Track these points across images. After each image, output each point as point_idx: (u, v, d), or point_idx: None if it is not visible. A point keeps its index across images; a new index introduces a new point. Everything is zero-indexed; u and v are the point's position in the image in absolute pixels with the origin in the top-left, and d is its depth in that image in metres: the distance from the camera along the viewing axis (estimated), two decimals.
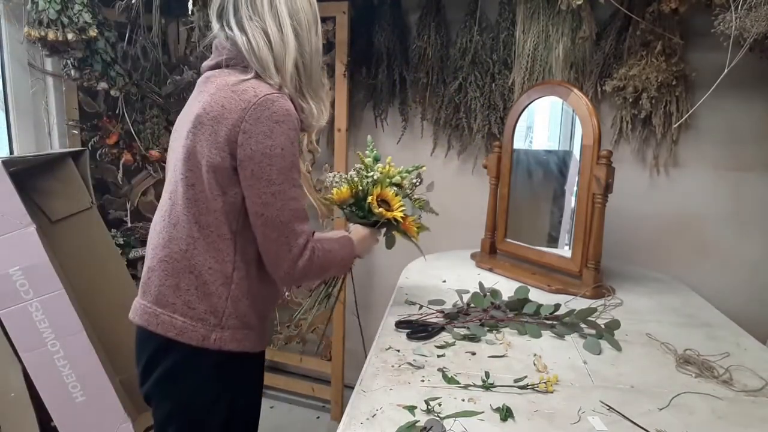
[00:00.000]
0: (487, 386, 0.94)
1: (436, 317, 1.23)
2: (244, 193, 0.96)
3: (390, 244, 1.28)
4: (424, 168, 1.28)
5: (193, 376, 1.03)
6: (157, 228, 1.04)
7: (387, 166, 1.22)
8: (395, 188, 1.22)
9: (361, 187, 1.21)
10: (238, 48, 0.99)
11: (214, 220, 0.97)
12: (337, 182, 1.25)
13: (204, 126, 0.95)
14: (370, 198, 1.18)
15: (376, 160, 1.25)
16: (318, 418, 2.29)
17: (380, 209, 1.17)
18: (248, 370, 1.11)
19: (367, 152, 1.26)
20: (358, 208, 1.23)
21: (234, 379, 1.06)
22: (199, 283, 0.99)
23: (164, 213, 1.03)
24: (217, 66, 1.03)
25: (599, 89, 1.81)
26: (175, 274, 1.00)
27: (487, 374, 0.97)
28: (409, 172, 1.25)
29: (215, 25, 1.04)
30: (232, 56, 1.00)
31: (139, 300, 1.06)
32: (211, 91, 0.97)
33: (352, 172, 1.24)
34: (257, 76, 0.98)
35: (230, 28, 1.00)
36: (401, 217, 1.19)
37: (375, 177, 1.20)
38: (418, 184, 1.27)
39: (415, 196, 1.28)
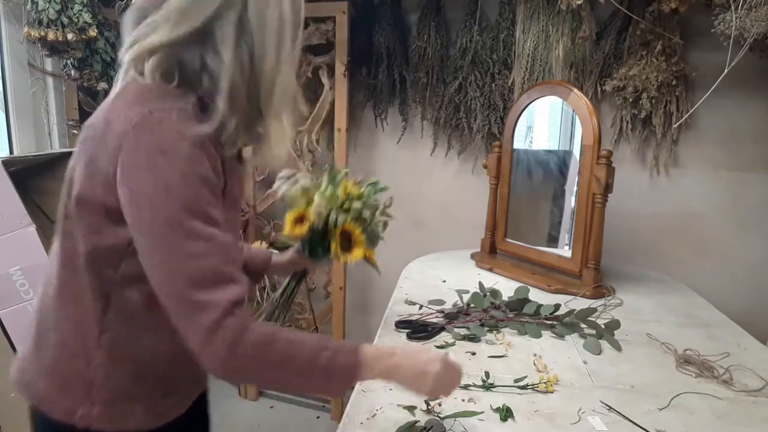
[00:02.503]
0: (487, 386, 0.94)
1: (436, 317, 1.23)
2: (135, 243, 0.70)
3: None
4: (382, 187, 1.09)
5: None
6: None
7: (346, 187, 1.02)
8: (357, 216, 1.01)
9: (318, 219, 0.99)
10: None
11: (81, 265, 0.74)
12: (292, 193, 1.01)
13: (84, 144, 0.73)
14: (333, 244, 0.98)
15: (333, 179, 1.02)
16: (318, 418, 2.29)
17: (348, 256, 0.98)
18: None
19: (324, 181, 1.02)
20: (315, 245, 1.01)
21: None
22: (63, 344, 0.77)
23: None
24: None
25: (599, 89, 1.81)
26: (42, 330, 0.80)
27: (487, 374, 0.97)
28: (369, 193, 1.04)
29: None
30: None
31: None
32: (114, 90, 0.75)
33: (303, 197, 1.00)
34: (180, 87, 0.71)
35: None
36: (364, 256, 1.02)
37: (340, 219, 0.98)
38: (387, 207, 1.08)
39: (376, 219, 1.08)
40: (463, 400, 0.90)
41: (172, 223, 0.66)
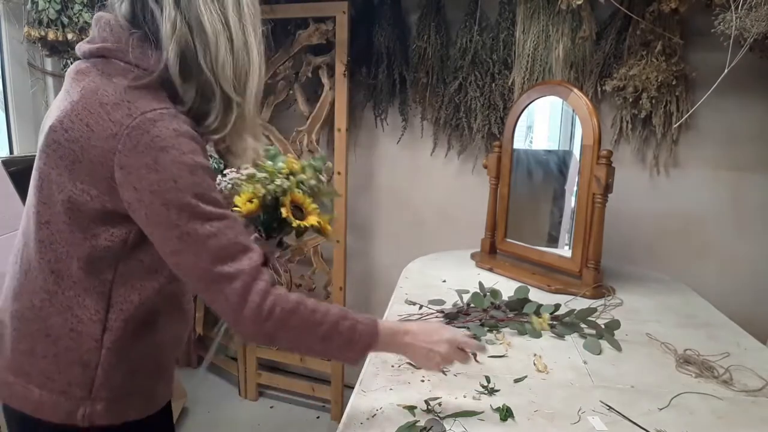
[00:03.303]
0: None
1: (436, 317, 1.23)
2: (151, 238, 0.74)
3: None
4: (327, 162, 1.09)
5: None
6: (9, 267, 0.82)
7: (289, 163, 1.02)
8: (303, 187, 1.02)
9: (269, 196, 0.99)
10: (154, 33, 0.73)
11: (77, 270, 0.75)
12: (236, 185, 1.01)
13: (61, 148, 0.72)
14: (284, 210, 0.97)
15: (273, 158, 1.03)
16: (318, 418, 2.29)
17: (298, 222, 0.98)
18: None
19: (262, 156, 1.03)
20: (269, 220, 1.02)
21: None
22: (59, 349, 0.77)
23: (17, 252, 0.81)
24: (97, 54, 0.76)
25: (599, 89, 1.81)
26: (28, 336, 0.79)
27: (488, 379, 0.97)
28: (313, 165, 1.04)
29: None
30: (122, 44, 0.73)
31: None
32: (74, 98, 0.73)
33: (250, 183, 0.99)
34: (144, 86, 0.72)
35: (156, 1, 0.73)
36: (318, 222, 1.02)
37: (284, 185, 0.98)
38: (326, 180, 1.08)
39: (323, 187, 1.07)
40: (465, 397, 0.90)
41: (186, 210, 0.70)
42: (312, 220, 1.01)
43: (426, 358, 0.83)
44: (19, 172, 1.75)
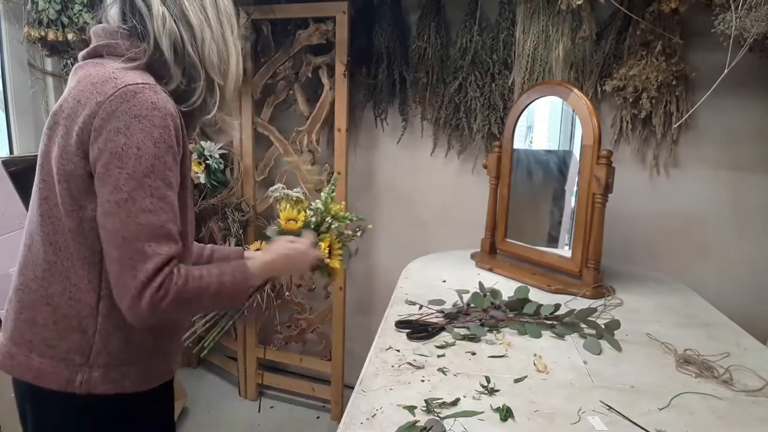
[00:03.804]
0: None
1: (436, 317, 1.23)
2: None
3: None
4: (370, 226, 1.27)
5: (67, 429, 0.88)
6: (19, 249, 0.90)
7: (336, 207, 1.20)
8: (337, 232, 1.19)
9: (311, 225, 1.16)
10: (141, 27, 0.83)
11: (71, 241, 0.82)
12: (280, 198, 1.19)
13: (58, 126, 0.81)
14: (322, 245, 1.13)
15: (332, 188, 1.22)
16: (318, 418, 2.29)
17: (328, 259, 1.14)
18: (140, 415, 0.92)
19: (324, 193, 1.21)
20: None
21: (120, 429, 0.90)
22: (59, 316, 0.83)
23: (24, 232, 0.89)
24: (94, 54, 0.86)
25: (599, 89, 1.81)
26: (30, 306, 0.85)
27: (488, 379, 0.97)
28: (353, 220, 1.23)
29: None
30: (112, 40, 0.84)
31: None
32: (71, 85, 0.84)
33: (295, 206, 1.18)
34: (131, 68, 0.81)
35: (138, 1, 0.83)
36: (337, 267, 1.17)
37: (334, 225, 1.16)
38: (359, 235, 1.25)
39: (347, 237, 1.24)
40: (464, 397, 0.90)
41: (138, 179, 0.76)
42: (335, 263, 1.16)
43: (286, 266, 1.01)
44: (19, 172, 1.75)
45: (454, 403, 0.89)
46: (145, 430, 0.95)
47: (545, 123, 1.94)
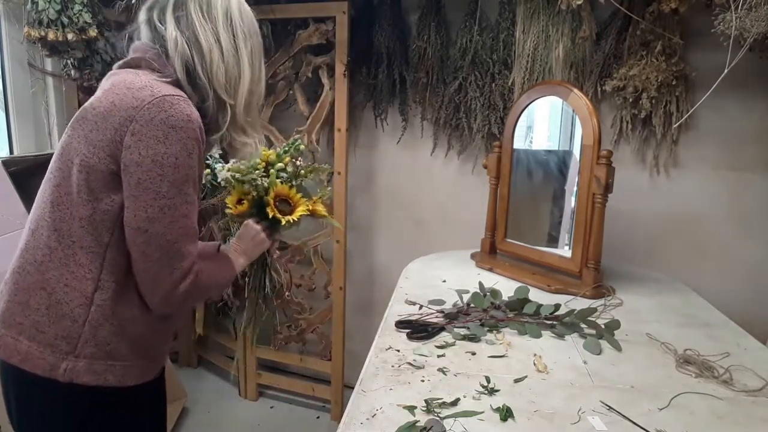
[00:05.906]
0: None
1: (436, 317, 1.23)
2: (125, 202, 0.84)
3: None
4: (300, 142, 1.17)
5: (47, 416, 0.88)
6: (23, 233, 0.93)
7: (264, 155, 1.12)
8: (284, 175, 1.10)
9: (254, 194, 1.10)
10: (164, 49, 0.90)
11: (78, 229, 0.85)
12: (228, 179, 1.11)
13: (86, 121, 0.85)
14: (269, 210, 1.08)
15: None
16: (318, 418, 2.29)
17: (287, 217, 1.08)
18: (124, 407, 0.92)
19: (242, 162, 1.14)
20: (261, 217, 1.11)
21: (101, 422, 0.90)
22: (52, 302, 0.85)
23: (30, 217, 0.92)
24: (132, 64, 0.92)
25: (599, 89, 1.81)
26: (25, 290, 0.87)
27: (488, 379, 0.97)
28: (286, 151, 1.14)
29: (142, 19, 0.95)
30: (147, 56, 0.91)
31: None
32: (105, 87, 0.88)
33: (236, 182, 1.12)
34: (165, 82, 0.87)
35: (163, 23, 0.91)
36: (307, 211, 1.10)
37: (264, 183, 1.08)
38: (300, 157, 1.16)
39: (302, 169, 1.16)
40: (464, 397, 0.90)
41: (178, 186, 0.84)
42: (300, 210, 1.08)
43: (253, 249, 1.10)
44: (19, 172, 1.75)
45: (454, 403, 0.89)
46: (131, 422, 0.95)
47: (545, 123, 1.94)
